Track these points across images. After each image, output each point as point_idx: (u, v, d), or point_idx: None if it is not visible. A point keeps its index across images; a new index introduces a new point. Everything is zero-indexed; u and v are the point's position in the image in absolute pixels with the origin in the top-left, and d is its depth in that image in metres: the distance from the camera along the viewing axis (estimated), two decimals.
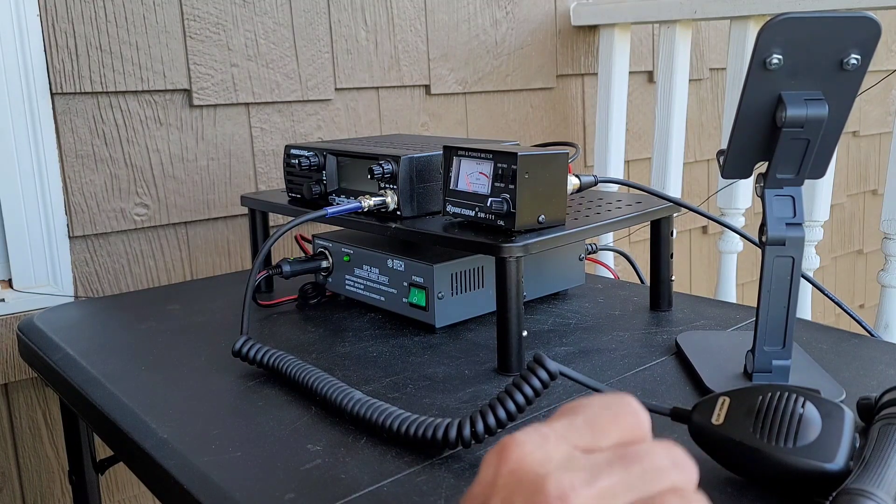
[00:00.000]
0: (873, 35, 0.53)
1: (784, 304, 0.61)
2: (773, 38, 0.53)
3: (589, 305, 0.88)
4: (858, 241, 2.49)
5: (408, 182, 0.79)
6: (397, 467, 0.54)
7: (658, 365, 0.70)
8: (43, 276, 1.08)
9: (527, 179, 0.68)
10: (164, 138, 1.15)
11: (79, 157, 1.09)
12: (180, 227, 1.19)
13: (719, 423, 0.49)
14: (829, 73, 0.55)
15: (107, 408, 0.67)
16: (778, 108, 0.56)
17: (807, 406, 0.47)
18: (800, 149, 0.57)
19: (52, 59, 1.05)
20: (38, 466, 1.11)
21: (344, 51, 1.30)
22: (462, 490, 0.51)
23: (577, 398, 0.46)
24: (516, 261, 0.67)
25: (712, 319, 0.82)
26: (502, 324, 0.69)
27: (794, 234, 0.59)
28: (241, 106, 1.21)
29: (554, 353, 0.74)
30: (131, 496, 1.17)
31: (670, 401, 0.61)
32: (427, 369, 0.71)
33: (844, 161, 2.32)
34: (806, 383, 0.60)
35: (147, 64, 1.11)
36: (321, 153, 0.88)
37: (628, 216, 0.79)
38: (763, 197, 0.59)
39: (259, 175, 1.24)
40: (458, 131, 1.47)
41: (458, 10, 1.43)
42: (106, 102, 1.10)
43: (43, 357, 0.81)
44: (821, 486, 0.44)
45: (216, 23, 1.16)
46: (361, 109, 1.34)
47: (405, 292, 0.81)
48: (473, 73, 1.47)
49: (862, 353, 0.71)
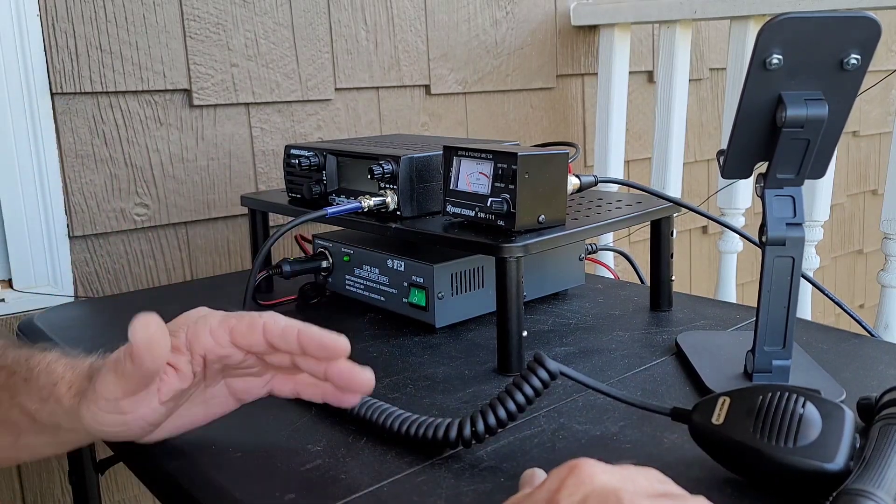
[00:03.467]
0: (873, 35, 0.53)
1: (784, 305, 0.61)
2: (773, 38, 0.53)
3: (589, 305, 0.88)
4: (858, 241, 2.49)
5: (408, 182, 0.79)
6: (398, 467, 0.54)
7: (658, 365, 0.70)
8: (43, 276, 1.08)
9: (527, 179, 0.68)
10: (164, 138, 1.15)
11: (79, 157, 1.09)
12: (180, 227, 1.19)
13: (719, 423, 0.49)
14: (830, 73, 0.55)
15: None
16: (778, 108, 0.56)
17: (807, 406, 0.47)
18: (800, 149, 0.57)
19: (52, 59, 1.04)
20: (38, 466, 1.10)
21: (344, 51, 1.30)
22: (463, 490, 0.51)
23: (577, 396, 0.46)
24: (516, 261, 0.67)
25: (712, 319, 0.82)
26: (502, 324, 0.69)
27: (794, 235, 0.59)
28: (241, 106, 1.21)
29: (554, 353, 0.74)
30: (131, 496, 1.17)
31: (670, 401, 0.61)
32: (427, 369, 0.71)
33: (844, 161, 2.32)
34: (806, 383, 0.60)
35: (147, 64, 1.11)
36: (321, 153, 0.88)
37: (628, 216, 0.79)
38: (763, 197, 0.60)
39: (259, 175, 1.24)
40: (458, 131, 1.47)
41: (458, 10, 1.43)
42: (106, 102, 1.10)
43: None
44: (821, 487, 0.44)
45: (216, 23, 1.16)
46: (361, 109, 1.34)
47: (405, 292, 0.81)
48: (473, 73, 1.47)
49: (862, 353, 0.71)
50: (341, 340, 0.52)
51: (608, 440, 0.57)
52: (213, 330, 0.51)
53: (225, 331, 0.51)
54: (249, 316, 0.52)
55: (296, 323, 0.52)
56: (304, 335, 0.51)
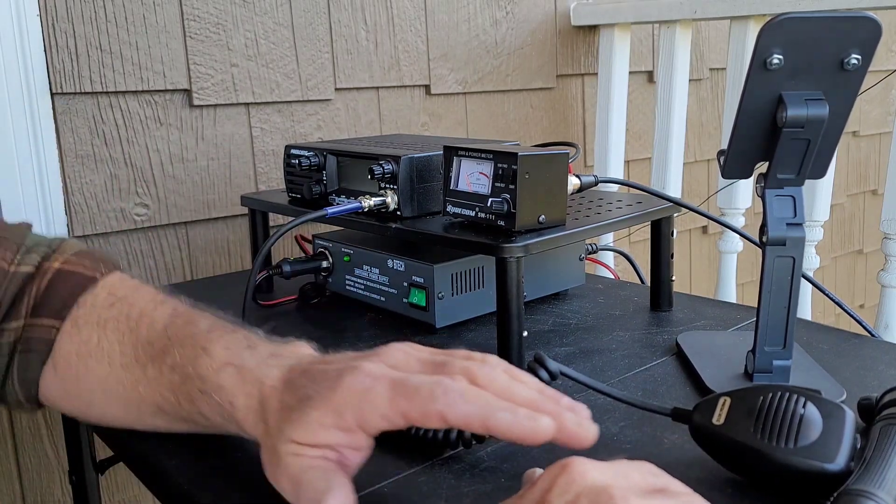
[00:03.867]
0: (874, 35, 0.53)
1: (784, 305, 0.61)
2: (774, 38, 0.53)
3: (589, 305, 0.88)
4: (858, 241, 2.49)
5: (408, 182, 0.79)
6: (397, 468, 0.54)
7: (658, 365, 0.70)
8: None
9: (527, 180, 0.68)
10: (164, 138, 1.15)
11: (79, 157, 1.09)
12: (180, 227, 1.19)
13: (720, 424, 0.49)
14: (830, 74, 0.55)
15: None
16: (778, 108, 0.56)
17: (807, 406, 0.47)
18: (800, 149, 0.57)
19: (52, 59, 1.04)
20: (38, 466, 1.10)
21: (344, 51, 1.29)
22: (463, 491, 0.51)
23: (578, 396, 0.46)
24: (516, 261, 0.67)
25: (712, 319, 0.82)
26: (502, 324, 0.69)
27: (794, 235, 0.59)
28: (241, 106, 1.21)
29: (554, 353, 0.74)
30: (131, 496, 1.17)
31: (671, 401, 0.61)
32: None
33: (844, 161, 2.32)
34: (806, 383, 0.60)
35: (147, 64, 1.11)
36: (321, 153, 0.88)
37: (628, 216, 0.79)
38: (763, 197, 0.59)
39: (259, 175, 1.24)
40: (458, 131, 1.47)
41: (458, 10, 1.43)
42: (106, 102, 1.10)
43: None
44: (821, 487, 0.44)
45: (216, 23, 1.16)
46: (361, 109, 1.34)
47: (405, 292, 0.81)
48: (473, 73, 1.47)
49: (862, 353, 0.71)
50: (587, 432, 0.44)
51: (608, 440, 0.57)
52: (385, 415, 0.44)
53: (397, 415, 0.44)
54: (421, 398, 0.43)
55: (478, 406, 0.43)
56: (495, 427, 0.42)
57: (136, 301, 0.59)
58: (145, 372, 0.55)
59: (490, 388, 0.44)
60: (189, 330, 0.55)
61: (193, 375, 0.52)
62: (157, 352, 0.55)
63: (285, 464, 0.45)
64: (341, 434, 0.45)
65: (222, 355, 0.51)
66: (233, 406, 0.49)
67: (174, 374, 0.53)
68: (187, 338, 0.54)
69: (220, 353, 0.52)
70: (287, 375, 0.49)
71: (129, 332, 0.57)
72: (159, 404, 0.55)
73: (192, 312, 0.58)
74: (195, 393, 0.52)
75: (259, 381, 0.49)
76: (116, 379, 0.56)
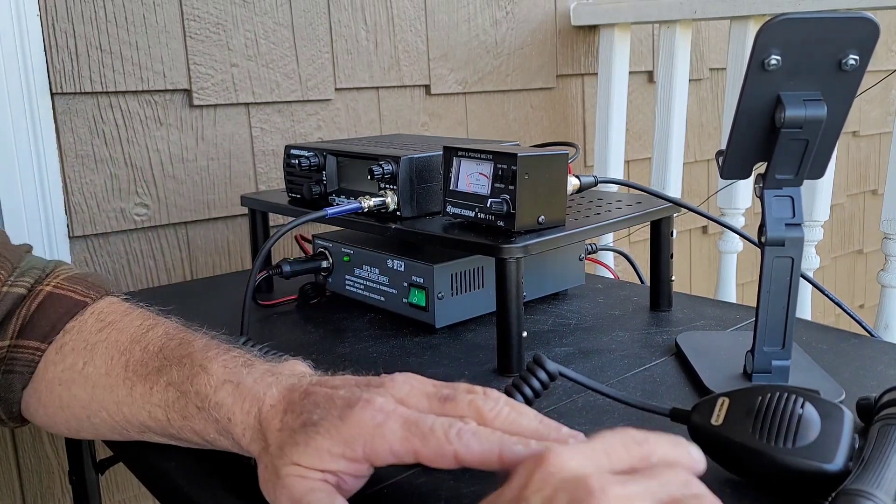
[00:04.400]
0: (872, 35, 0.53)
1: (784, 305, 0.61)
2: (772, 38, 0.53)
3: (589, 306, 0.88)
4: (858, 241, 2.49)
5: (408, 182, 0.79)
6: (396, 470, 0.54)
7: (658, 365, 0.70)
8: None
9: (527, 180, 0.68)
10: (164, 138, 1.15)
11: (79, 157, 1.09)
12: (180, 227, 1.19)
13: (719, 424, 0.49)
14: (828, 74, 0.55)
15: None
16: (777, 108, 0.56)
17: (806, 406, 0.47)
18: (799, 149, 0.57)
19: (52, 59, 1.05)
20: (38, 466, 1.11)
21: (344, 51, 1.30)
22: (463, 492, 0.51)
23: (578, 397, 0.46)
24: (516, 261, 0.67)
25: (712, 319, 0.82)
26: (502, 324, 0.69)
27: (793, 235, 0.59)
28: (241, 106, 1.21)
29: (554, 354, 0.74)
30: (131, 496, 1.17)
31: (670, 401, 0.61)
32: (427, 370, 0.71)
33: (844, 161, 2.32)
34: (806, 384, 0.60)
35: (147, 64, 1.12)
36: (321, 153, 0.88)
37: (628, 216, 0.79)
38: (762, 197, 0.60)
39: (259, 175, 1.24)
40: (458, 131, 1.47)
41: (458, 10, 1.43)
42: (106, 102, 1.10)
43: None
44: (820, 487, 0.44)
45: (216, 23, 1.16)
46: (361, 109, 1.34)
47: (405, 292, 0.81)
48: (473, 73, 1.47)
49: (862, 353, 0.71)
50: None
51: None
52: (396, 452, 0.44)
53: (408, 453, 0.44)
54: (436, 439, 0.43)
55: (492, 444, 0.42)
56: (511, 460, 0.42)
57: (125, 326, 0.60)
58: (132, 392, 0.55)
59: (497, 421, 0.44)
60: (185, 350, 0.55)
61: (191, 392, 0.52)
62: (150, 371, 0.55)
63: (286, 484, 0.45)
64: (347, 463, 0.45)
65: (220, 373, 0.52)
66: (231, 422, 0.50)
67: (169, 391, 0.54)
68: (184, 357, 0.55)
69: (218, 370, 0.52)
70: (287, 395, 0.49)
71: (118, 356, 0.58)
72: (145, 423, 0.55)
73: (185, 333, 0.58)
74: (192, 409, 0.52)
75: (258, 399, 0.49)
76: (100, 404, 0.57)
